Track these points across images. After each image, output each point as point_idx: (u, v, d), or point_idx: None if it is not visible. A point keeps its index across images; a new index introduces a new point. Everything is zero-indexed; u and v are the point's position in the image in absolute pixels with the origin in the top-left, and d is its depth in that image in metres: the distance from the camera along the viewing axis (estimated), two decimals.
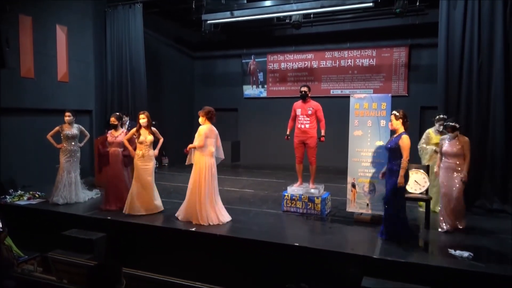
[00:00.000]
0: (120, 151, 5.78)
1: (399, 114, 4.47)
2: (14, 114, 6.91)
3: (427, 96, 8.99)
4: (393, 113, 4.54)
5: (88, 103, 8.49)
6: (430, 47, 8.92)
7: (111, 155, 5.78)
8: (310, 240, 4.53)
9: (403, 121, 4.46)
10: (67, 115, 6.17)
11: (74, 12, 8.01)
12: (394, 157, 4.42)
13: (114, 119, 5.81)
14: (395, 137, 4.48)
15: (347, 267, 4.01)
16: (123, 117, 6.30)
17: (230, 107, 11.69)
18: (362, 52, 10.19)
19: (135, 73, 8.52)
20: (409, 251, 4.14)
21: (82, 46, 8.27)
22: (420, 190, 5.05)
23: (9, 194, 6.37)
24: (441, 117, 5.56)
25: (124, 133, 5.85)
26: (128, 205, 5.51)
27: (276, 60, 11.17)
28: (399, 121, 4.46)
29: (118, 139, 5.76)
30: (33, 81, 7.12)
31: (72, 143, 6.17)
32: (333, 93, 10.50)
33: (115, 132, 5.82)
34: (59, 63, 7.68)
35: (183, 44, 11.50)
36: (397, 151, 4.37)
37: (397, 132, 4.49)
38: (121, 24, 8.54)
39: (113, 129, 5.82)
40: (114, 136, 5.80)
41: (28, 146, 7.11)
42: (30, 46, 7.03)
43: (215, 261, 4.57)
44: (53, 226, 5.41)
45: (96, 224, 5.33)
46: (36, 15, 7.13)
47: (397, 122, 4.47)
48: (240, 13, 8.38)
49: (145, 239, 5.07)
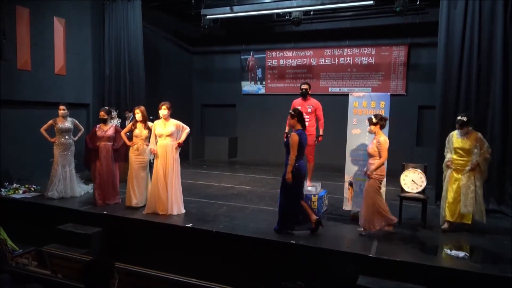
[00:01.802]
0: (110, 145, 5.76)
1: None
2: (10, 106, 6.85)
3: (426, 96, 9.01)
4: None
5: (85, 96, 8.43)
6: (429, 46, 8.91)
7: (101, 149, 5.74)
8: (307, 238, 4.52)
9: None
10: (61, 108, 6.12)
11: (73, 5, 7.94)
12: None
13: (104, 113, 5.80)
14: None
15: (343, 266, 4.01)
16: (112, 112, 6.30)
17: (228, 103, 11.67)
18: (361, 50, 10.18)
19: (134, 67, 8.47)
20: (405, 250, 4.16)
21: (80, 39, 8.21)
22: (417, 190, 5.05)
23: (4, 187, 6.33)
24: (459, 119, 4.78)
25: (114, 127, 5.84)
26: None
27: (275, 56, 11.13)
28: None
29: (107, 133, 5.75)
30: (30, 74, 7.06)
31: (65, 137, 6.13)
32: (332, 90, 10.49)
33: (104, 126, 5.80)
34: (56, 56, 7.62)
35: (182, 39, 11.44)
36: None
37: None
38: (119, 18, 8.47)
39: (102, 123, 5.80)
40: (104, 130, 5.77)
41: (24, 138, 7.07)
42: (27, 38, 6.96)
43: (210, 257, 4.56)
44: (48, 220, 5.39)
45: (92, 218, 5.30)
46: (34, 7, 7.06)
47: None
48: (240, 8, 8.34)
49: (141, 234, 5.05)
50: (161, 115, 5.32)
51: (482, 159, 4.61)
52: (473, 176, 4.64)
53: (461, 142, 4.74)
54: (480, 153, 4.62)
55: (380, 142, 4.50)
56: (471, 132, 4.72)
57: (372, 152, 4.57)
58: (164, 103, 5.34)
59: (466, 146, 4.69)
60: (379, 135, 4.57)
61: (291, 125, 4.70)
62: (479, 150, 4.63)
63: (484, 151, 4.62)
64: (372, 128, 4.61)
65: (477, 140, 4.64)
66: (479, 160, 4.60)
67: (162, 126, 5.34)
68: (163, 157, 5.29)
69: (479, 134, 4.70)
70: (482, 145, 4.63)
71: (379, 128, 4.58)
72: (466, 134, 4.71)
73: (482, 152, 4.62)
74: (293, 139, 4.46)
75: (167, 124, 5.35)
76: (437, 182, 6.00)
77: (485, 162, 4.63)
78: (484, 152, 4.62)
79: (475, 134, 4.70)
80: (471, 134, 4.70)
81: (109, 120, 5.90)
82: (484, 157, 4.61)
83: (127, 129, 5.73)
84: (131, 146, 5.60)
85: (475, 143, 4.64)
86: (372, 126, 4.60)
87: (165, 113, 5.30)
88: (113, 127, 5.86)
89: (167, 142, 5.30)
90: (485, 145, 4.63)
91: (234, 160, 11.14)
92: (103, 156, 5.73)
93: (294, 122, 4.63)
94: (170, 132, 5.30)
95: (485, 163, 4.63)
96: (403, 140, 9.20)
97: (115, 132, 5.79)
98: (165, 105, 5.32)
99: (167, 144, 5.29)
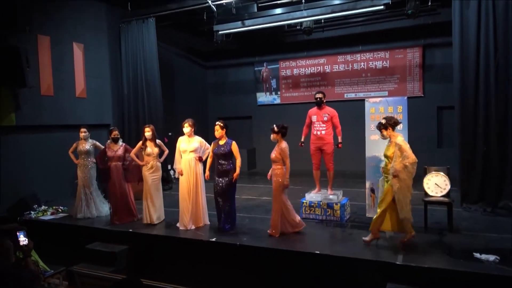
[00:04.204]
0: (120, 165, 5.88)
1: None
2: (34, 131, 7.08)
3: (444, 96, 8.87)
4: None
5: (106, 117, 8.65)
6: (444, 46, 8.80)
7: (113, 169, 5.85)
8: (331, 247, 4.49)
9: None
10: (82, 131, 6.28)
11: (90, 29, 8.21)
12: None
13: (117, 132, 5.94)
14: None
15: (369, 274, 3.96)
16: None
17: (244, 115, 11.75)
18: (375, 54, 10.12)
19: (150, 85, 8.66)
20: (433, 256, 4.07)
21: (98, 61, 8.46)
22: (441, 193, 4.96)
23: (33, 210, 6.53)
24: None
25: (124, 146, 5.95)
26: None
27: (288, 66, 11.19)
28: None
29: (117, 153, 5.87)
30: (52, 98, 7.30)
31: (86, 159, 6.26)
32: (347, 96, 10.44)
33: (114, 146, 5.92)
34: (76, 80, 7.87)
35: (196, 54, 11.65)
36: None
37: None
38: (135, 39, 8.71)
39: (113, 142, 5.93)
40: (114, 150, 5.89)
41: (48, 161, 7.26)
42: (49, 65, 7.23)
43: (235, 270, 4.57)
44: (76, 240, 5.53)
45: (117, 236, 5.41)
46: (54, 34, 7.33)
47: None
48: (251, 22, 8.44)
49: (166, 250, 5.12)
50: (185, 132, 5.43)
51: (399, 166, 4.25)
52: (398, 184, 4.27)
53: (386, 148, 4.58)
54: (399, 160, 4.27)
55: (281, 148, 4.85)
56: (394, 137, 4.44)
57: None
58: (187, 121, 5.45)
59: (388, 153, 4.51)
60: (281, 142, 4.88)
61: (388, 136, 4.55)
62: (398, 158, 4.29)
63: (402, 158, 4.26)
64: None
65: (397, 146, 4.32)
66: (396, 167, 4.26)
67: (187, 142, 5.45)
68: (187, 172, 5.39)
69: (399, 140, 4.35)
70: (401, 152, 4.27)
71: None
72: (391, 140, 4.48)
73: (400, 160, 4.27)
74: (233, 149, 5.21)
75: (191, 140, 5.46)
76: (462, 183, 5.89)
77: (404, 170, 4.23)
78: (403, 160, 4.25)
79: (395, 139, 4.39)
80: (394, 139, 4.43)
81: (119, 140, 6.01)
82: (402, 164, 4.24)
83: (136, 149, 5.79)
84: (145, 165, 5.68)
85: (395, 149, 4.36)
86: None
87: (188, 131, 5.41)
88: (123, 146, 5.96)
89: (191, 157, 5.40)
90: (405, 152, 4.25)
91: (254, 171, 11.16)
92: (115, 176, 5.84)
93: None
94: (194, 148, 5.40)
95: (404, 172, 4.23)
96: (424, 143, 9.05)
97: (125, 152, 5.90)
98: (187, 123, 5.43)
99: (190, 159, 5.40)
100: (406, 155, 4.23)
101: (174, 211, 5.88)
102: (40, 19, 7.04)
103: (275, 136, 4.95)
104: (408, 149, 4.27)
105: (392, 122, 4.44)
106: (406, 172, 4.24)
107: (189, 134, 5.43)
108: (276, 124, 4.97)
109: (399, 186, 4.26)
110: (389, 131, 4.45)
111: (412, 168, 4.24)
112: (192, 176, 5.39)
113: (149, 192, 5.68)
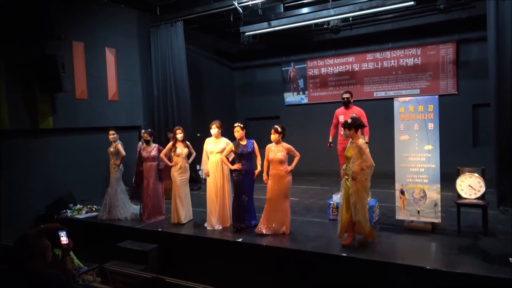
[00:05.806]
0: (155, 165, 6.05)
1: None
2: (69, 133, 7.41)
3: (480, 93, 8.47)
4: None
5: (137, 119, 8.92)
6: (479, 41, 8.40)
7: (147, 169, 6.03)
8: (358, 250, 4.41)
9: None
10: (110, 133, 6.43)
11: (121, 34, 8.49)
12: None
13: (147, 135, 6.10)
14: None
15: (399, 279, 3.86)
16: (153, 133, 6.46)
17: (272, 115, 11.72)
18: (405, 51, 9.84)
19: (179, 87, 8.84)
20: (466, 261, 3.92)
21: (129, 65, 8.73)
22: (475, 195, 4.76)
23: (69, 209, 6.84)
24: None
25: (157, 147, 6.11)
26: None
27: (316, 65, 11.08)
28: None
29: (152, 154, 6.05)
30: (86, 102, 7.62)
31: (112, 160, 6.43)
32: (377, 95, 10.21)
33: (148, 147, 6.10)
34: (109, 83, 8.16)
35: (223, 56, 11.77)
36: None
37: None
38: (164, 42, 8.91)
39: (146, 144, 6.10)
40: (148, 151, 6.07)
41: (82, 162, 7.55)
42: (83, 70, 7.54)
43: (261, 271, 4.59)
44: (109, 238, 5.73)
45: (148, 235, 5.57)
46: (87, 40, 7.64)
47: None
48: (278, 22, 8.43)
49: (193, 249, 5.22)
50: (212, 133, 5.51)
51: (357, 168, 4.22)
52: (355, 186, 4.27)
53: (347, 149, 4.45)
54: (357, 162, 4.23)
55: (288, 147, 4.89)
56: (356, 138, 4.32)
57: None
58: (214, 122, 5.53)
59: (348, 154, 4.38)
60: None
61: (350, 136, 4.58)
62: (357, 160, 4.23)
63: (361, 161, 4.20)
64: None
65: (357, 148, 4.25)
66: (353, 169, 4.22)
67: (214, 143, 5.54)
68: (214, 173, 5.47)
69: (360, 142, 4.27)
70: (361, 154, 4.22)
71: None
72: (353, 141, 4.35)
73: (359, 162, 4.22)
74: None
75: (218, 141, 5.54)
76: (498, 184, 5.63)
77: (362, 172, 4.21)
78: (362, 162, 4.21)
79: (357, 141, 4.30)
80: (355, 141, 4.31)
81: (151, 141, 6.15)
82: (359, 167, 4.21)
83: (166, 149, 5.92)
84: (174, 166, 5.81)
85: (355, 151, 4.26)
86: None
87: (215, 132, 5.49)
88: (156, 147, 6.13)
89: (218, 158, 5.47)
90: (364, 155, 4.20)
91: None
92: (150, 176, 6.03)
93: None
94: (221, 149, 5.47)
95: (361, 173, 4.21)
96: (458, 142, 8.72)
97: (158, 152, 6.05)
98: (214, 124, 5.51)
99: (217, 160, 5.47)
100: (365, 158, 4.23)
101: (202, 211, 5.97)
102: (74, 26, 7.35)
103: (277, 136, 4.99)
104: (367, 153, 4.27)
105: (356, 124, 4.41)
106: (363, 173, 4.26)
107: (216, 135, 5.50)
108: (279, 125, 5.06)
109: (356, 188, 4.28)
110: (352, 132, 4.40)
111: (369, 170, 4.27)
112: (219, 177, 5.46)
113: (177, 192, 5.81)
